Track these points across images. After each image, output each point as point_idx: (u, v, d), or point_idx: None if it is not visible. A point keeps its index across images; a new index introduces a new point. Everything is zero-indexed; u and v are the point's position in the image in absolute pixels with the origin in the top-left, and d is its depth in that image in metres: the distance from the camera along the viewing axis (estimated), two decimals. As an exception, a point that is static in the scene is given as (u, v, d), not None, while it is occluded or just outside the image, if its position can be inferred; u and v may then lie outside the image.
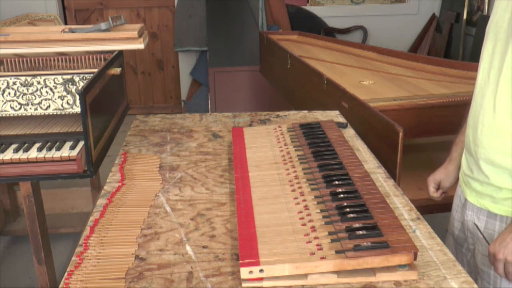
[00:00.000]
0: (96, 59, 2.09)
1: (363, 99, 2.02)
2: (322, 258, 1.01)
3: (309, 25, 4.92)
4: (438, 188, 1.59)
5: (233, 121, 1.97)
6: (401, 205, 1.33)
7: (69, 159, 1.74)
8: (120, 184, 1.44)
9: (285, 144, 1.57)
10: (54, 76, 1.87)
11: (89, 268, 1.08)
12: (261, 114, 2.02)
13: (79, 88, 1.86)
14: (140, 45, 2.06)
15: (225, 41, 4.28)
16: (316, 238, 1.07)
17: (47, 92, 1.88)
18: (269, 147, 1.57)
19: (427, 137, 2.26)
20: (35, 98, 1.88)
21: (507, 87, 1.22)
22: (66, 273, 1.06)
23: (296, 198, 1.25)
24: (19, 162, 1.74)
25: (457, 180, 1.52)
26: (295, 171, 1.39)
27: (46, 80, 1.87)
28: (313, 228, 1.11)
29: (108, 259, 1.11)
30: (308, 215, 1.16)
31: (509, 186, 1.27)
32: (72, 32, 2.12)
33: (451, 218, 1.52)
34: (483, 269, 1.34)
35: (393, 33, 5.16)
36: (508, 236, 1.21)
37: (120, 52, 2.19)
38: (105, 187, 1.43)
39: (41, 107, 1.89)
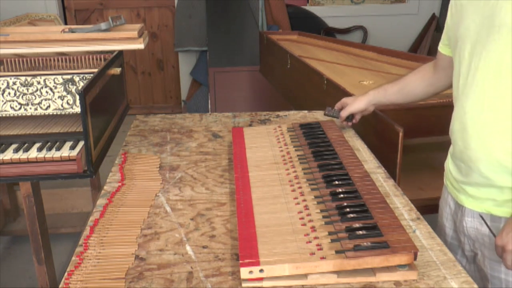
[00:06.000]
0: (96, 59, 2.09)
1: (363, 99, 2.02)
2: (322, 258, 1.01)
3: (309, 25, 4.92)
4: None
5: (233, 121, 1.97)
6: (401, 205, 1.33)
7: (69, 159, 1.74)
8: (120, 184, 1.44)
9: (285, 144, 1.57)
10: (54, 76, 1.87)
11: (89, 268, 1.08)
12: (261, 114, 2.02)
13: (79, 88, 1.86)
14: (140, 45, 2.06)
15: (225, 41, 4.27)
16: (316, 238, 1.07)
17: (47, 92, 1.88)
18: (269, 147, 1.57)
19: (427, 137, 2.26)
20: (35, 98, 1.88)
21: (492, 86, 1.24)
22: (66, 273, 1.06)
23: (296, 198, 1.25)
24: (19, 162, 1.74)
25: (361, 109, 1.72)
26: (295, 171, 1.39)
27: (46, 80, 1.87)
28: (313, 228, 1.11)
29: (108, 259, 1.11)
30: (308, 215, 1.16)
31: (509, 184, 1.25)
32: (72, 32, 2.12)
33: (441, 226, 1.50)
34: (493, 274, 1.32)
35: (393, 33, 5.15)
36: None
37: (120, 52, 2.19)
38: (105, 187, 1.43)
39: (41, 107, 1.89)
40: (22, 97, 1.87)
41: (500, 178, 1.26)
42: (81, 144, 1.80)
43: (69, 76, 1.88)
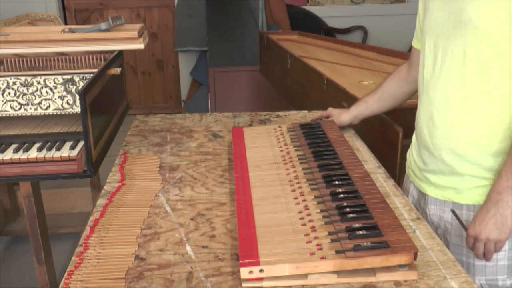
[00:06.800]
0: (96, 59, 2.09)
1: (363, 99, 2.02)
2: (322, 258, 1.01)
3: (309, 25, 4.91)
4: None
5: (233, 121, 1.97)
6: (401, 205, 1.33)
7: (69, 159, 1.74)
8: (120, 184, 1.44)
9: (285, 144, 1.57)
10: (54, 76, 1.87)
11: (89, 268, 1.08)
12: (261, 114, 2.02)
13: (79, 88, 1.86)
14: (140, 45, 2.06)
15: (225, 41, 4.28)
16: (316, 238, 1.07)
17: (47, 92, 1.88)
18: (269, 147, 1.57)
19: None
20: (35, 98, 1.88)
21: (458, 79, 1.28)
22: (66, 273, 1.06)
23: (296, 198, 1.25)
24: (19, 162, 1.74)
25: (346, 124, 1.76)
26: (295, 171, 1.39)
27: (46, 80, 1.87)
28: (313, 228, 1.11)
29: (108, 259, 1.11)
30: (308, 215, 1.16)
31: (469, 171, 1.31)
32: (72, 32, 2.12)
33: None
34: (457, 258, 1.36)
35: (393, 33, 5.15)
36: (487, 216, 1.24)
37: (120, 52, 2.19)
38: (105, 187, 1.43)
39: (41, 107, 1.89)
40: (22, 97, 1.87)
41: (462, 166, 1.32)
42: (81, 144, 1.80)
43: (69, 76, 1.88)
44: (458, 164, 1.32)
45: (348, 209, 1.16)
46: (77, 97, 1.88)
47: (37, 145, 1.81)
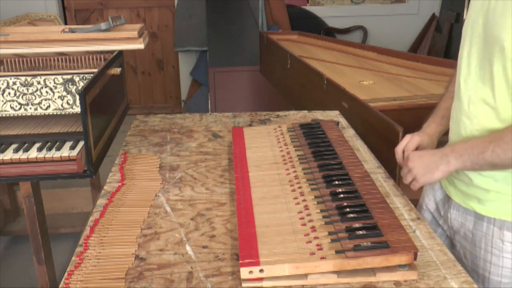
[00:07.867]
0: (96, 59, 2.09)
1: (363, 99, 2.02)
2: (322, 258, 1.01)
3: (309, 25, 4.92)
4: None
5: (233, 121, 1.97)
6: (401, 205, 1.33)
7: (69, 159, 1.74)
8: (120, 184, 1.44)
9: (285, 144, 1.57)
10: (54, 76, 1.87)
11: (89, 268, 1.08)
12: (261, 114, 2.02)
13: (79, 88, 1.86)
14: (140, 45, 2.06)
15: (225, 41, 4.27)
16: (316, 238, 1.07)
17: (47, 92, 1.88)
18: (269, 147, 1.57)
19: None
20: (35, 98, 1.88)
21: (486, 95, 1.23)
22: (66, 273, 1.06)
23: (296, 198, 1.25)
24: (19, 162, 1.74)
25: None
26: (295, 171, 1.39)
27: (46, 80, 1.87)
28: (313, 228, 1.11)
29: (108, 259, 1.11)
30: (308, 215, 1.16)
31: (494, 188, 1.26)
32: (72, 32, 2.12)
33: (420, 204, 1.53)
34: (473, 268, 1.34)
35: (393, 33, 5.15)
36: (429, 155, 1.30)
37: (120, 52, 2.19)
38: (105, 187, 1.43)
39: (41, 107, 1.89)
40: (22, 97, 1.87)
41: (487, 183, 1.27)
42: (81, 144, 1.80)
43: (69, 76, 1.88)
44: (483, 181, 1.28)
45: (348, 209, 1.16)
46: (77, 97, 1.88)
47: (37, 145, 1.81)
